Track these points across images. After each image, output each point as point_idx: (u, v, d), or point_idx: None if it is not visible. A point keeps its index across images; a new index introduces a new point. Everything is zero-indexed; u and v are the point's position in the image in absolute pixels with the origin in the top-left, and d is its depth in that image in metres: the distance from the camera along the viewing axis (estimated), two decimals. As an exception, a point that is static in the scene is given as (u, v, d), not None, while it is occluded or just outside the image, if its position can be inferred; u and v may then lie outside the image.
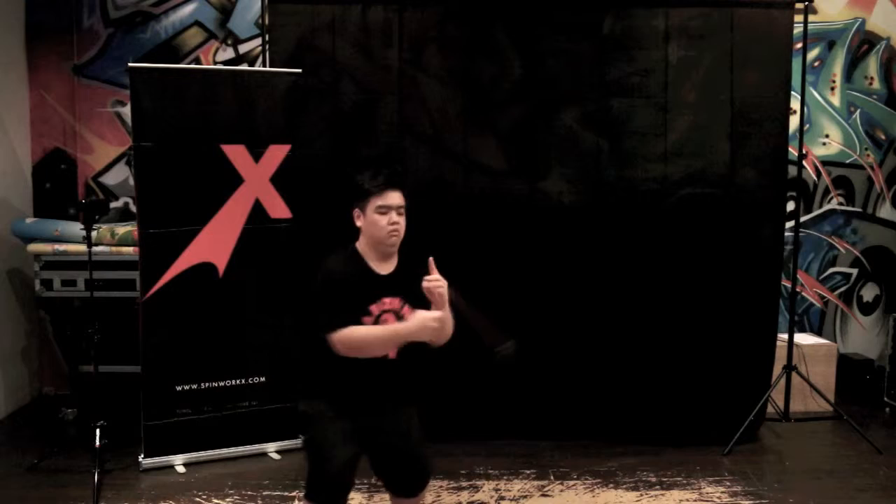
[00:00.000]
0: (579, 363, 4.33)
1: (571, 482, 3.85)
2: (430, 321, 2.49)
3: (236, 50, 5.16)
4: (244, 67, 5.04)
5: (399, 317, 2.61)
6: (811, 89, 5.23)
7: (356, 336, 2.50)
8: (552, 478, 3.90)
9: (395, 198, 2.57)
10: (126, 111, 4.96)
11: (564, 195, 4.31)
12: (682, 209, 4.30)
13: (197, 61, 5.13)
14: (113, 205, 5.11)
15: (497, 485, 3.81)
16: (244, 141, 4.05)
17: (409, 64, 4.24)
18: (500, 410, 4.34)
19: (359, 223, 2.62)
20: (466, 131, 4.28)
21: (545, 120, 4.28)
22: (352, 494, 3.58)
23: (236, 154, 4.03)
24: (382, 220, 2.56)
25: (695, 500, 3.67)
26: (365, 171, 2.60)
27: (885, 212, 5.42)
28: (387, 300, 2.61)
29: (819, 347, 4.90)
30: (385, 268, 2.64)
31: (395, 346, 2.58)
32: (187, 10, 5.12)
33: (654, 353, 4.33)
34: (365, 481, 3.73)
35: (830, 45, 5.29)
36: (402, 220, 2.59)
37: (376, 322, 2.58)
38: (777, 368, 4.50)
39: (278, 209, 4.13)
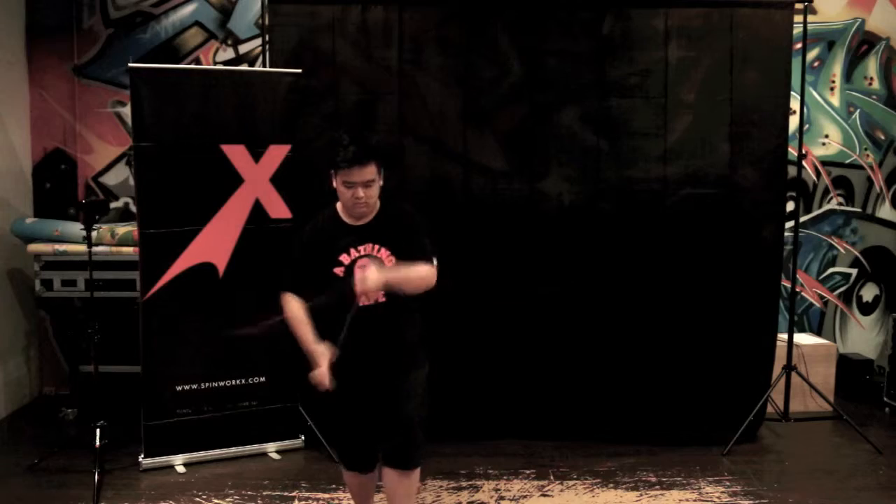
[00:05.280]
0: (579, 363, 4.33)
1: (571, 482, 3.85)
2: (323, 363, 2.63)
3: (236, 50, 5.16)
4: (244, 67, 5.04)
5: (377, 260, 2.73)
6: (811, 89, 5.23)
7: (287, 309, 2.76)
8: (552, 478, 3.90)
9: (359, 174, 2.67)
10: (126, 111, 4.97)
11: (564, 195, 4.31)
12: (681, 209, 4.30)
13: (197, 61, 5.13)
14: (113, 205, 5.11)
15: (497, 485, 3.81)
16: (244, 141, 4.05)
17: (409, 64, 4.24)
18: (499, 410, 4.34)
19: (333, 185, 2.77)
20: (466, 131, 4.28)
21: (545, 120, 4.28)
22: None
23: (236, 154, 4.03)
24: (347, 192, 2.71)
25: (694, 500, 3.67)
26: (341, 139, 2.73)
27: (884, 212, 5.42)
28: (361, 247, 2.75)
29: (819, 347, 4.90)
30: (362, 222, 2.80)
31: (302, 343, 2.72)
32: (187, 10, 5.12)
33: (654, 352, 4.34)
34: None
35: (830, 46, 5.29)
36: (369, 192, 2.71)
37: (349, 271, 2.70)
38: (777, 368, 4.50)
39: (278, 209, 4.13)
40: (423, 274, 2.70)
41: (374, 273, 2.56)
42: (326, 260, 2.74)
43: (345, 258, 2.74)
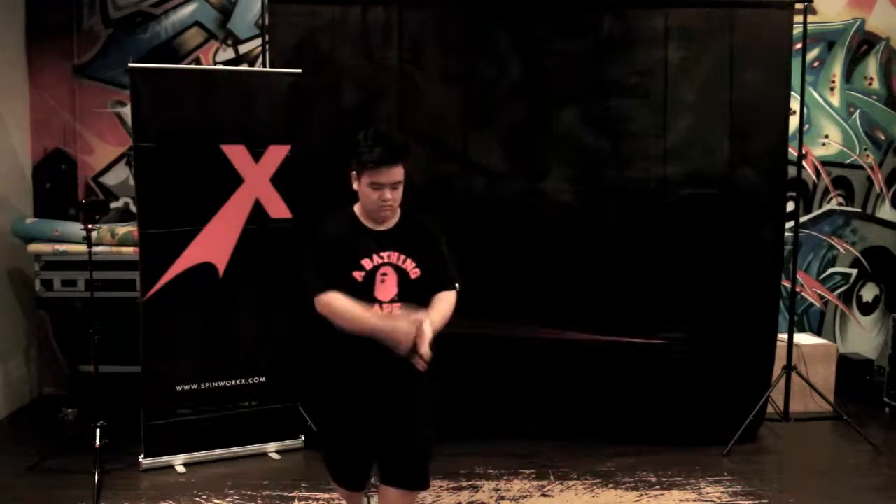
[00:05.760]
0: (579, 363, 4.33)
1: (571, 482, 3.85)
2: (404, 331, 2.43)
3: (236, 50, 5.16)
4: (244, 67, 5.04)
5: (399, 269, 2.59)
6: (811, 89, 5.23)
7: (335, 305, 2.52)
8: (552, 478, 3.90)
9: (389, 175, 2.52)
10: (126, 111, 4.96)
11: (564, 195, 4.31)
12: (681, 209, 4.30)
13: (197, 61, 5.13)
14: (113, 205, 5.11)
15: (497, 485, 3.81)
16: (244, 141, 4.05)
17: (409, 64, 4.24)
18: (500, 410, 4.34)
19: (354, 186, 2.61)
20: (466, 131, 4.28)
21: (545, 120, 4.28)
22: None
23: (236, 154, 4.03)
24: (374, 194, 2.54)
25: (694, 500, 3.67)
26: (367, 138, 2.54)
27: (884, 212, 5.42)
28: (384, 254, 2.59)
29: (819, 347, 4.90)
30: (383, 227, 2.64)
31: (363, 331, 2.49)
32: (187, 10, 5.12)
33: (654, 352, 4.33)
34: (365, 481, 3.74)
35: (830, 46, 5.29)
36: (395, 194, 2.56)
37: (370, 277, 2.56)
38: (777, 368, 4.50)
39: (278, 209, 4.13)
40: (453, 306, 2.62)
41: (427, 326, 2.44)
42: (346, 263, 2.57)
43: (367, 263, 2.57)
